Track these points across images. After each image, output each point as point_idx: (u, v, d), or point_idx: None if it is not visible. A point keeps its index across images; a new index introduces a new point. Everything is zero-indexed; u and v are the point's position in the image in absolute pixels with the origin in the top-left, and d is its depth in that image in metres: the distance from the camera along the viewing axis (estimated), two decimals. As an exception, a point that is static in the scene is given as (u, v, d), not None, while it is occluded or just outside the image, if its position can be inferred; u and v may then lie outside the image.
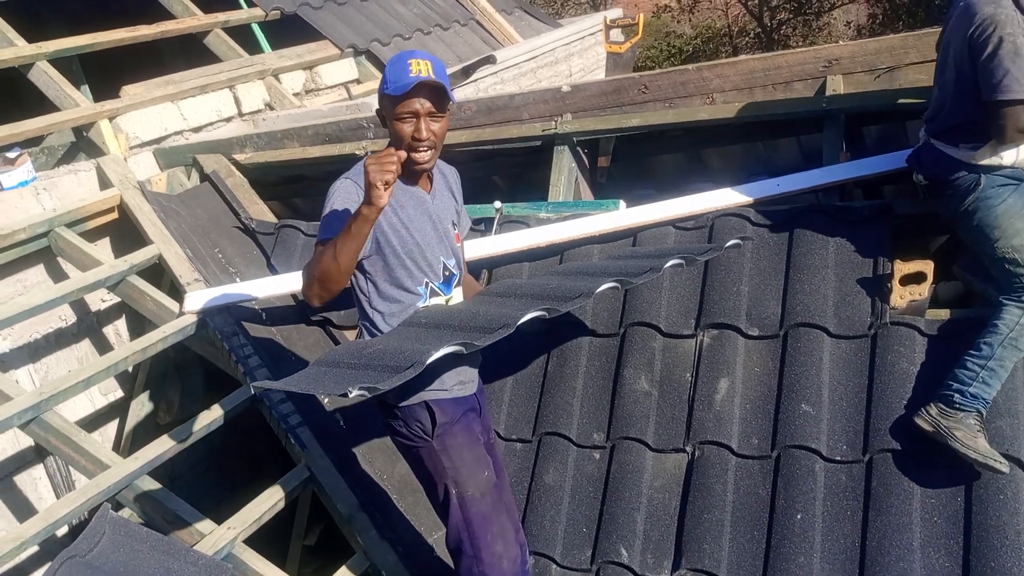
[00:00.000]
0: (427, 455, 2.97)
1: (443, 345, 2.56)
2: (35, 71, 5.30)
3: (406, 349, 2.59)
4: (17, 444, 4.29)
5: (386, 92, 2.79)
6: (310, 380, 2.62)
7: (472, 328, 2.70)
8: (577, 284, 3.02)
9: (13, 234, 4.27)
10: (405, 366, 2.47)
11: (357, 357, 2.67)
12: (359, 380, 2.44)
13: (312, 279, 2.73)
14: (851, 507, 3.13)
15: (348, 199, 2.78)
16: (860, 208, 3.64)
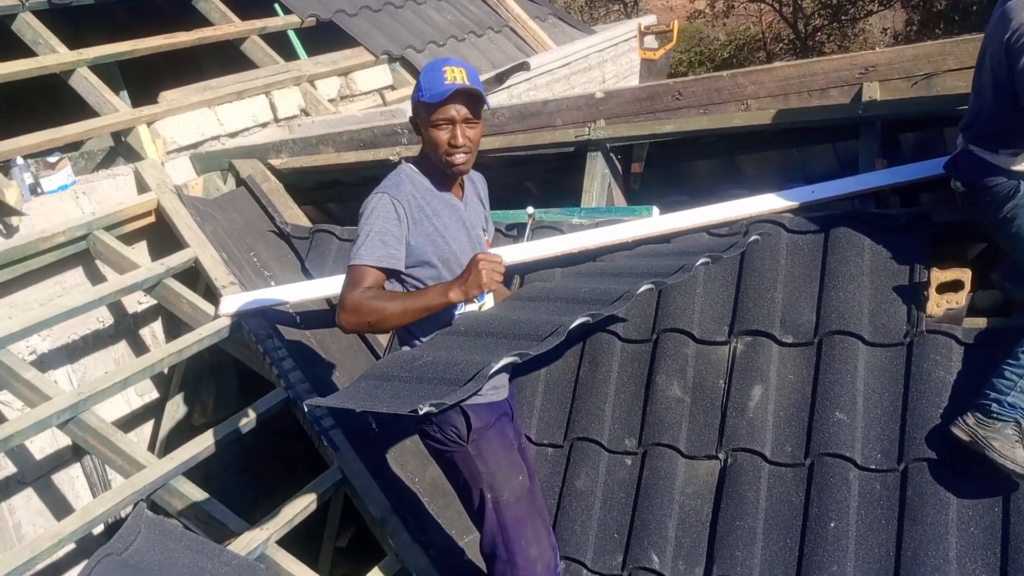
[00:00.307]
0: (462, 460, 2.97)
1: (500, 355, 2.53)
2: (76, 77, 5.38)
3: (459, 360, 2.57)
4: (55, 443, 4.35)
5: (421, 100, 2.80)
6: (366, 396, 2.58)
7: (520, 336, 2.68)
8: (612, 286, 3.00)
9: (53, 237, 4.34)
10: (465, 378, 2.43)
11: (409, 370, 2.64)
12: (423, 395, 2.41)
13: (364, 322, 2.77)
14: (886, 516, 3.10)
15: (388, 218, 2.79)
16: (896, 215, 3.61)
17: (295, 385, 4.01)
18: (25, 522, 4.23)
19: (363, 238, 2.79)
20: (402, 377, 2.61)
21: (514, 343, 2.63)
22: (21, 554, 3.25)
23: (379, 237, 2.77)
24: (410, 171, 2.93)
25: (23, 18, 5.47)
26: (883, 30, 20.97)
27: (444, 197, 2.95)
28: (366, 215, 2.82)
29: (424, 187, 2.90)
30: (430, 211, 2.86)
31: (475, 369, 2.47)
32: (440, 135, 2.81)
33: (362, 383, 2.68)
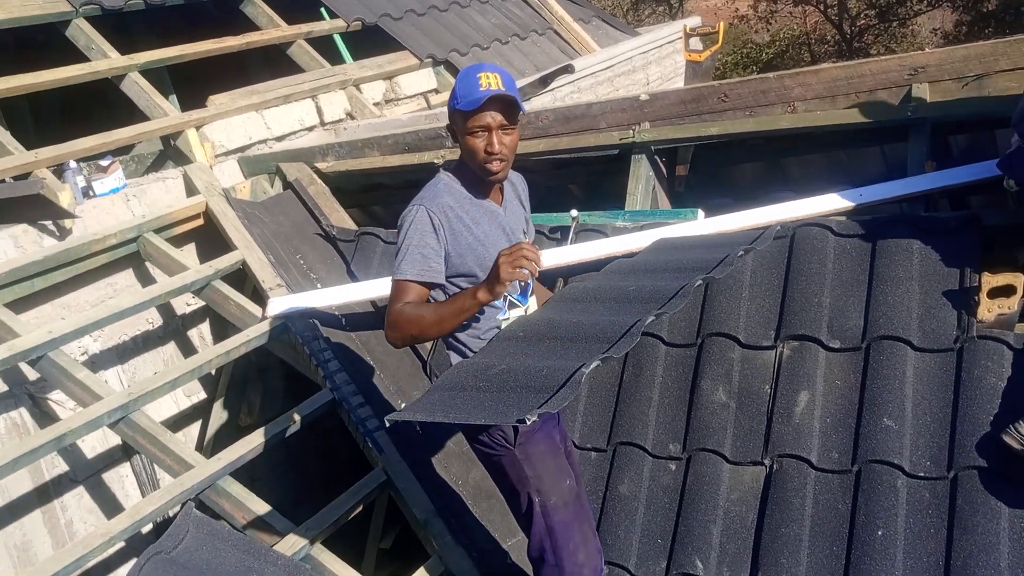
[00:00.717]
0: (509, 464, 2.96)
1: (580, 359, 2.47)
2: (127, 82, 5.47)
3: (539, 366, 2.53)
4: (106, 442, 4.43)
5: (457, 107, 2.78)
6: (451, 407, 2.52)
7: (589, 338, 2.64)
8: (660, 283, 2.96)
9: (104, 239, 4.42)
10: (553, 384, 2.38)
11: (485, 379, 2.59)
12: (514, 404, 2.37)
13: (407, 335, 2.80)
14: (935, 525, 3.06)
15: (425, 231, 2.78)
16: (946, 218, 3.55)
17: (340, 386, 4.04)
18: (77, 519, 4.31)
19: (403, 253, 2.79)
20: (480, 387, 2.56)
21: (587, 346, 2.59)
22: (73, 551, 3.31)
23: (418, 251, 2.77)
24: (448, 180, 2.91)
25: (77, 24, 5.57)
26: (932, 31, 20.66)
27: (483, 204, 2.92)
28: (404, 229, 2.81)
29: (462, 195, 2.89)
30: (469, 220, 2.85)
31: (562, 374, 2.41)
32: (477, 142, 2.79)
33: (436, 395, 2.63)
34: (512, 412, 2.32)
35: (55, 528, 4.22)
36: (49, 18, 5.50)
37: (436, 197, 2.84)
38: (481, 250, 2.86)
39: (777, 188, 4.50)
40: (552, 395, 2.31)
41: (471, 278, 2.86)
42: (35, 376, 4.09)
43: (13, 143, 4.64)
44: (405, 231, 2.81)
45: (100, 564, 4.21)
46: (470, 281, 2.86)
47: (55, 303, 4.37)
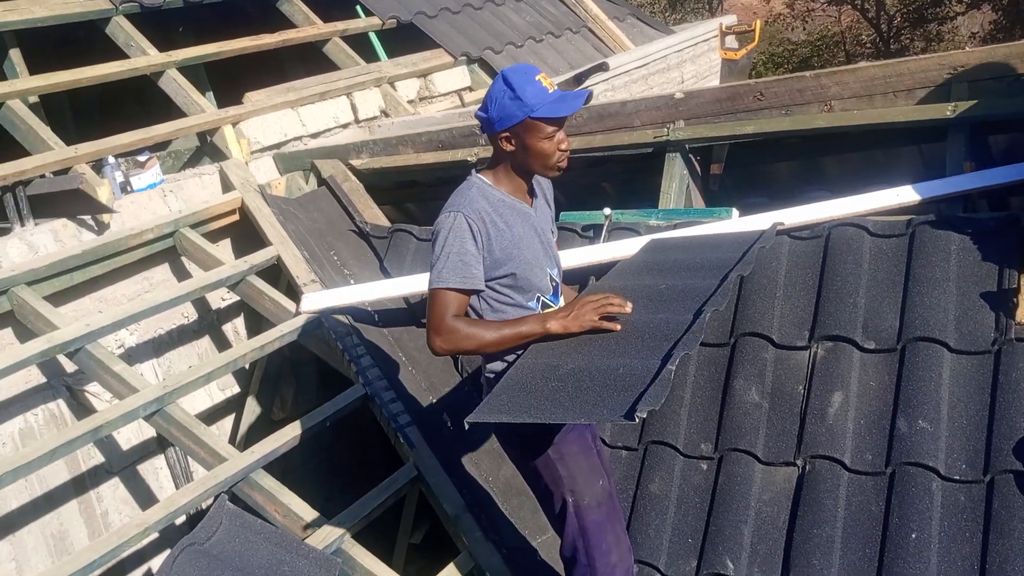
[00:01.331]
0: (543, 464, 2.96)
1: (653, 356, 2.50)
2: (165, 78, 5.53)
3: (612, 365, 2.52)
4: (141, 435, 4.48)
5: (534, 116, 2.72)
6: (534, 408, 2.50)
7: (645, 336, 2.64)
8: (690, 282, 2.94)
9: (142, 234, 4.47)
10: (639, 383, 2.39)
11: (556, 379, 2.57)
12: (607, 403, 2.38)
13: (460, 349, 2.78)
14: (970, 528, 3.02)
15: (464, 238, 2.76)
16: (985, 219, 3.51)
17: (373, 382, 4.06)
18: (112, 510, 4.36)
19: (443, 260, 2.75)
20: (553, 387, 2.54)
21: (648, 343, 2.59)
22: (109, 541, 3.36)
23: (459, 258, 2.74)
24: (480, 183, 2.88)
25: (117, 22, 5.64)
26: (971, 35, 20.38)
27: (516, 206, 2.90)
28: (443, 235, 2.78)
29: (496, 198, 2.86)
30: (504, 223, 2.82)
31: (644, 373, 2.42)
32: (550, 145, 2.78)
33: (508, 395, 2.59)
34: (604, 410, 2.34)
35: (91, 518, 4.28)
36: (90, 15, 5.58)
37: (472, 202, 2.80)
38: (516, 252, 2.83)
39: (812, 187, 4.47)
40: (643, 392, 2.33)
41: (506, 279, 2.84)
42: (73, 368, 4.15)
43: (53, 138, 4.70)
44: (444, 237, 2.77)
45: (134, 554, 4.26)
46: (505, 283, 2.84)
47: (93, 296, 4.43)
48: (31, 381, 4.10)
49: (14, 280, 4.00)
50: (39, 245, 4.24)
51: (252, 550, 3.32)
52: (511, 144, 2.80)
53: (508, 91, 2.74)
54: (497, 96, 2.75)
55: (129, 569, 4.36)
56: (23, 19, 5.23)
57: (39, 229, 4.32)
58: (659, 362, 2.45)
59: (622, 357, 2.56)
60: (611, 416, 2.33)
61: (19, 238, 4.22)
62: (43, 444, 3.54)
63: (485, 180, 2.88)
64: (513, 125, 2.76)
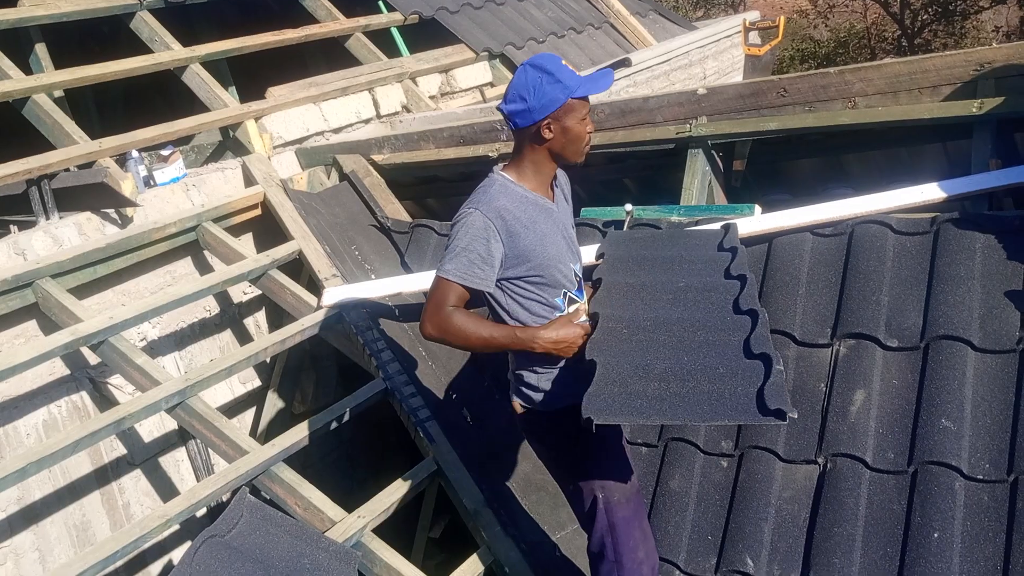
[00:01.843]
0: (572, 460, 2.96)
1: (739, 353, 2.63)
2: (188, 73, 5.56)
3: (707, 364, 2.60)
4: (163, 427, 4.51)
5: (575, 96, 2.74)
6: (654, 409, 2.55)
7: (710, 329, 2.77)
8: (701, 280, 3.04)
9: (164, 227, 4.50)
10: (751, 382, 2.50)
11: (657, 379, 2.61)
12: (736, 403, 2.46)
13: (447, 339, 2.80)
14: (993, 528, 2.99)
15: (477, 237, 2.75)
16: (1011, 218, 3.48)
17: (393, 376, 4.07)
18: (134, 502, 4.40)
19: (451, 252, 2.76)
20: (658, 387, 2.59)
21: (719, 337, 2.72)
22: (131, 532, 3.38)
23: (465, 255, 2.74)
24: (503, 180, 2.86)
25: (141, 17, 5.68)
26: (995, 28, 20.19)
27: (540, 202, 2.89)
28: (457, 230, 2.78)
29: (518, 196, 2.84)
30: (527, 220, 2.80)
31: (749, 372, 2.54)
32: (583, 128, 2.81)
33: (613, 395, 2.60)
34: (742, 412, 2.43)
35: (113, 509, 4.31)
36: (115, 10, 5.62)
37: (492, 201, 2.79)
38: (540, 249, 2.82)
39: (836, 184, 4.45)
40: (761, 388, 2.45)
41: (532, 276, 2.84)
42: (96, 361, 4.18)
43: (78, 132, 4.74)
44: (457, 232, 2.78)
45: (156, 546, 4.30)
46: (531, 280, 2.84)
47: (116, 289, 4.46)
48: (55, 373, 4.14)
49: (39, 273, 4.03)
50: (63, 238, 4.27)
51: (272, 543, 3.34)
52: (550, 131, 2.79)
53: (546, 76, 2.74)
54: (534, 84, 2.74)
55: (150, 560, 4.39)
56: (48, 14, 5.27)
57: (63, 222, 4.36)
58: (759, 362, 2.57)
59: (707, 356, 2.64)
60: (755, 418, 2.43)
61: (44, 231, 4.25)
62: (66, 436, 3.56)
63: (508, 177, 2.86)
64: (556, 109, 2.76)
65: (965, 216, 3.56)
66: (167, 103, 6.46)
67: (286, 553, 3.31)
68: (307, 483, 3.76)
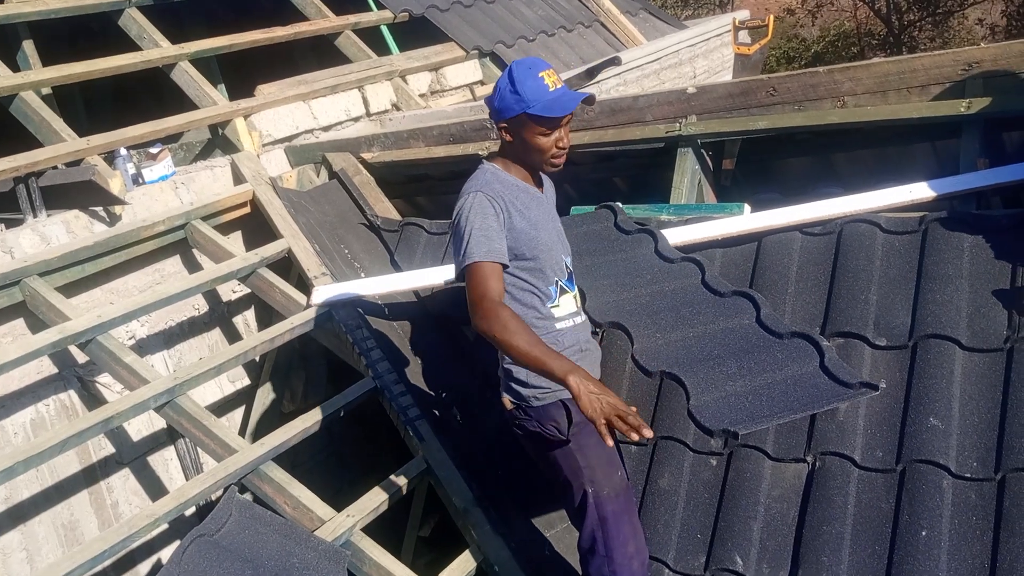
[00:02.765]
0: (562, 455, 2.97)
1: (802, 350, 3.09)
2: (177, 71, 5.54)
3: (763, 350, 3.01)
4: (152, 426, 4.49)
5: (529, 112, 2.77)
6: (767, 412, 2.82)
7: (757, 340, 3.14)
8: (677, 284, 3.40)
9: (153, 226, 4.48)
10: (810, 362, 2.99)
11: (732, 375, 2.95)
12: (823, 390, 2.87)
13: (492, 338, 2.74)
14: (980, 527, 3.01)
15: (486, 214, 2.80)
16: (999, 216, 3.49)
17: (383, 375, 4.06)
18: (122, 501, 4.38)
19: (467, 237, 2.78)
20: (743, 383, 2.93)
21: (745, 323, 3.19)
22: (119, 531, 3.37)
23: (482, 233, 2.77)
24: (493, 169, 2.95)
25: (129, 13, 5.65)
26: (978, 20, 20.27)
27: (530, 191, 2.98)
28: (464, 215, 2.81)
29: (510, 183, 2.93)
30: (521, 206, 2.88)
31: (799, 349, 3.04)
32: (547, 141, 2.83)
33: (713, 394, 2.89)
34: (837, 395, 2.89)
35: (101, 509, 4.30)
36: (103, 7, 5.59)
37: (488, 184, 2.87)
38: (534, 233, 2.88)
39: (825, 184, 4.46)
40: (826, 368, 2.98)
41: (526, 262, 2.88)
42: (84, 359, 4.17)
43: (66, 130, 4.72)
44: (465, 217, 2.81)
45: (144, 545, 4.28)
46: (525, 267, 2.89)
47: (104, 288, 4.44)
48: (43, 372, 4.12)
49: (26, 271, 4.01)
50: (51, 236, 4.25)
51: (262, 542, 3.33)
52: (509, 135, 2.88)
53: (509, 84, 2.81)
54: (501, 87, 2.83)
55: (139, 560, 4.38)
56: (36, 10, 5.25)
57: (51, 220, 4.33)
58: (800, 340, 3.08)
59: (746, 343, 3.11)
60: (853, 394, 2.90)
61: (31, 229, 4.23)
62: (54, 434, 3.55)
63: (496, 167, 2.95)
64: (510, 118, 2.84)
65: (953, 215, 3.57)
66: (156, 101, 6.43)
67: (275, 552, 3.30)
68: (296, 482, 3.75)
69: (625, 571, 3.00)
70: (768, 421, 2.77)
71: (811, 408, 2.84)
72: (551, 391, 2.91)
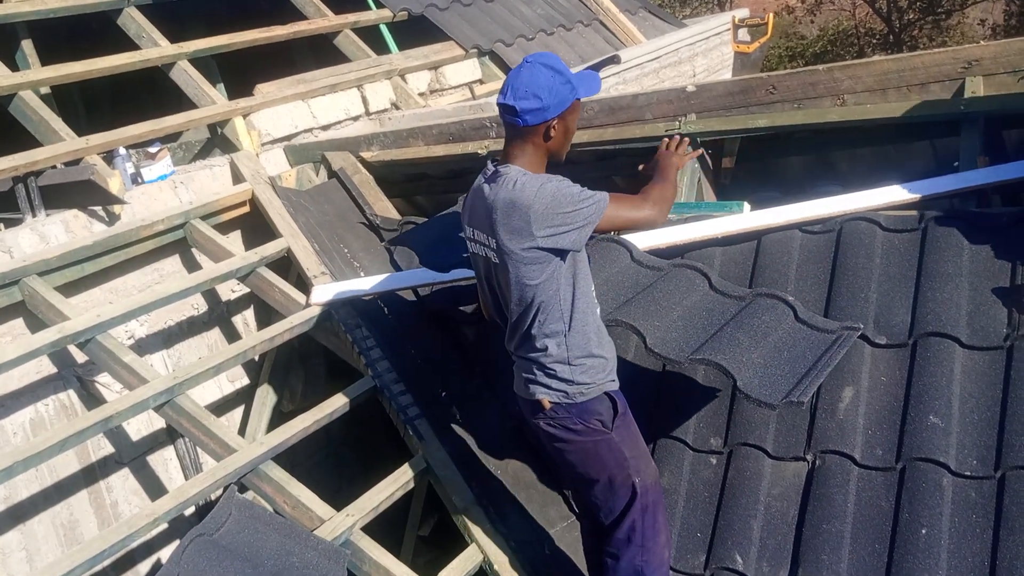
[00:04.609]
0: (607, 448, 2.94)
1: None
2: (176, 70, 5.53)
3: (793, 356, 3.23)
4: (151, 425, 4.49)
5: (579, 96, 2.85)
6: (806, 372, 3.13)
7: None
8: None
9: (152, 225, 4.48)
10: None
11: (759, 347, 3.23)
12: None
13: (666, 203, 3.08)
14: (980, 525, 3.00)
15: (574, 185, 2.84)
16: (998, 214, 3.49)
17: (382, 374, 4.06)
18: (121, 500, 4.38)
19: (583, 197, 2.80)
20: (772, 352, 3.22)
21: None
22: (119, 531, 3.36)
23: (590, 194, 2.84)
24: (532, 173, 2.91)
25: (128, 13, 5.65)
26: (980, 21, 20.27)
27: None
28: (572, 197, 2.79)
29: None
30: None
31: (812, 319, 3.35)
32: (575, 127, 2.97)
33: (756, 370, 3.14)
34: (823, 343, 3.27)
35: (101, 508, 4.30)
36: (102, 6, 5.59)
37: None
38: None
39: (825, 182, 4.45)
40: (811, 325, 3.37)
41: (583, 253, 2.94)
42: (83, 359, 4.16)
43: (65, 129, 4.71)
44: (580, 193, 2.81)
45: (144, 545, 4.28)
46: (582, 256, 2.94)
47: (104, 287, 4.44)
48: (42, 371, 4.11)
49: (25, 271, 4.01)
50: (50, 236, 4.25)
51: (261, 541, 3.33)
52: (555, 130, 2.84)
53: (559, 77, 2.78)
54: (549, 84, 2.77)
55: (138, 559, 4.37)
56: (35, 10, 5.24)
57: (50, 220, 4.33)
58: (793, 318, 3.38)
59: (769, 329, 3.33)
60: (842, 337, 3.27)
61: (31, 229, 4.23)
62: (54, 434, 3.55)
63: (528, 172, 2.86)
64: (565, 109, 2.83)
65: (953, 213, 3.58)
66: (155, 100, 6.41)
67: (275, 551, 3.30)
68: (296, 481, 3.75)
69: (657, 560, 3.03)
70: (811, 384, 3.02)
71: (826, 363, 3.15)
72: (595, 385, 2.90)
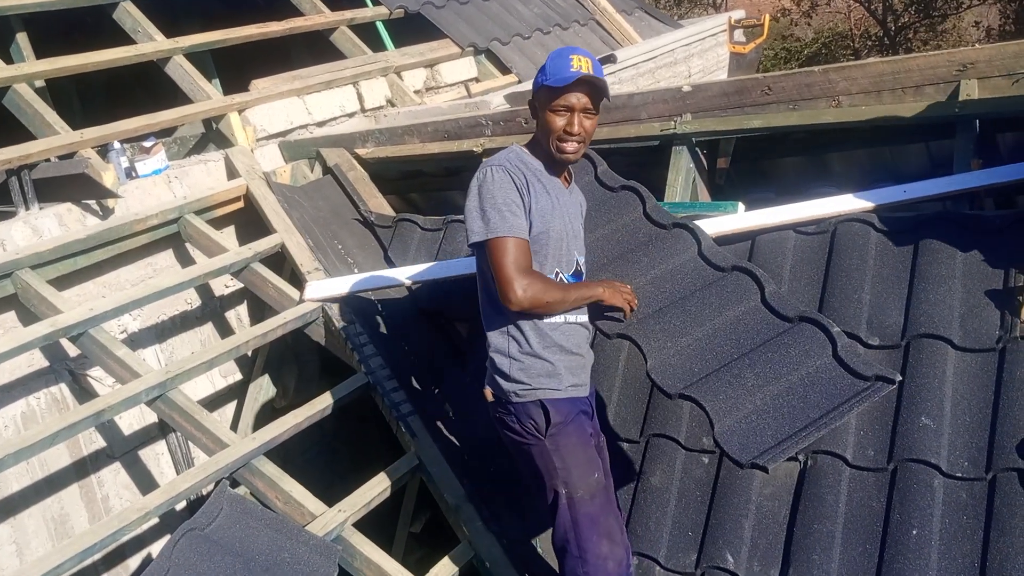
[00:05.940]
0: (538, 454, 2.96)
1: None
2: (171, 64, 5.52)
3: (802, 377, 2.91)
4: (143, 420, 4.48)
5: (544, 83, 2.87)
6: (794, 429, 2.79)
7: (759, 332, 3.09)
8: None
9: (146, 219, 4.46)
10: (824, 352, 2.92)
11: (751, 387, 2.91)
12: (847, 387, 2.83)
13: (542, 302, 2.85)
14: (971, 526, 3.01)
15: (508, 188, 2.84)
16: (992, 217, 3.50)
17: (375, 371, 4.06)
18: (113, 495, 4.37)
19: (490, 211, 2.80)
20: (763, 397, 2.89)
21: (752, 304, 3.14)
22: (109, 525, 3.36)
23: (507, 208, 2.81)
24: (520, 151, 2.99)
25: (123, 7, 5.63)
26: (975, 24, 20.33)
27: (554, 180, 3.01)
28: (485, 188, 2.83)
29: (534, 167, 2.96)
30: (539, 188, 2.91)
31: (811, 336, 2.98)
32: (557, 121, 2.87)
33: (735, 417, 2.87)
34: (859, 395, 2.80)
35: (92, 502, 4.28)
36: (97, 0, 5.57)
37: (511, 161, 2.92)
38: (549, 218, 2.92)
39: (819, 183, 4.46)
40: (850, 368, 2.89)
41: (538, 243, 2.90)
42: (76, 352, 4.15)
43: (59, 123, 4.70)
44: (486, 190, 2.83)
45: (135, 539, 4.27)
46: (535, 245, 2.91)
47: (97, 281, 4.42)
48: (34, 365, 4.10)
49: (18, 264, 4.00)
50: (43, 229, 4.24)
51: (252, 536, 3.33)
52: (535, 115, 2.97)
53: (546, 63, 2.92)
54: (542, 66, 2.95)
55: (129, 554, 4.36)
56: (30, 3, 5.23)
57: (44, 213, 4.32)
58: (808, 325, 3.02)
59: (757, 336, 3.06)
60: (869, 390, 2.81)
61: (24, 222, 4.21)
62: (45, 428, 3.54)
63: (524, 150, 3.00)
64: (534, 93, 2.96)
65: (947, 215, 3.58)
66: (150, 95, 6.40)
67: (266, 547, 3.30)
68: (288, 477, 3.75)
69: (599, 572, 2.98)
70: (793, 446, 2.74)
71: (833, 417, 2.78)
72: (531, 388, 2.92)
